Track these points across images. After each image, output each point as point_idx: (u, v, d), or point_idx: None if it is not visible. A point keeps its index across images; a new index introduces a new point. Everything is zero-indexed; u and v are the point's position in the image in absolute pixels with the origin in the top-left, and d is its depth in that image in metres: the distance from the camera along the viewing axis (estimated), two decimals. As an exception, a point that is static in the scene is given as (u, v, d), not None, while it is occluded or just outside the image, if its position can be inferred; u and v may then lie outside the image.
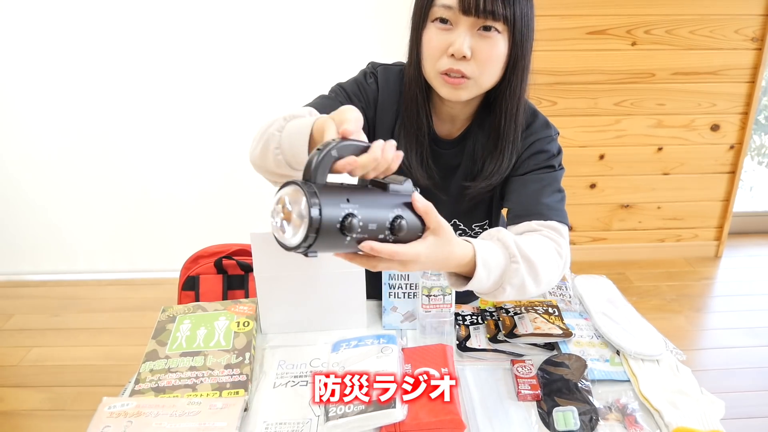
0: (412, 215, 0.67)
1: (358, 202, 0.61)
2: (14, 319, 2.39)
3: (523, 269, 0.81)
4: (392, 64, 1.06)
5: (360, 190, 0.65)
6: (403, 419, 0.79)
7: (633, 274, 2.71)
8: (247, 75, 2.39)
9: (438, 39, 0.88)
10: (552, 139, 1.02)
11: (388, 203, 0.65)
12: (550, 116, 1.05)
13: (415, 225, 0.67)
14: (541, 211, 0.95)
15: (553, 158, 1.01)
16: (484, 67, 0.89)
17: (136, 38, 2.32)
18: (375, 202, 0.64)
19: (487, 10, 0.84)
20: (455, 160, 1.05)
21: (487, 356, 0.98)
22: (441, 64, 0.89)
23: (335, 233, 0.59)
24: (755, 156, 3.36)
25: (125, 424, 0.79)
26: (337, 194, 0.60)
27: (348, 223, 0.59)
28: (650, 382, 0.90)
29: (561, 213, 0.96)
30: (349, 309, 1.05)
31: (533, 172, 1.00)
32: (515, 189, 1.01)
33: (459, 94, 0.92)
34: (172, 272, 1.69)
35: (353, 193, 0.62)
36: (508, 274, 0.80)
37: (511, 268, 0.80)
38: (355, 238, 0.61)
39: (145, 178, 2.55)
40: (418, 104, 0.99)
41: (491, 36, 0.87)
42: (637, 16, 2.39)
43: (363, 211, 0.61)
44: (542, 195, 0.97)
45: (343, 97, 1.01)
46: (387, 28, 2.30)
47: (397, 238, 0.65)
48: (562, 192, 1.00)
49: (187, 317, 1.02)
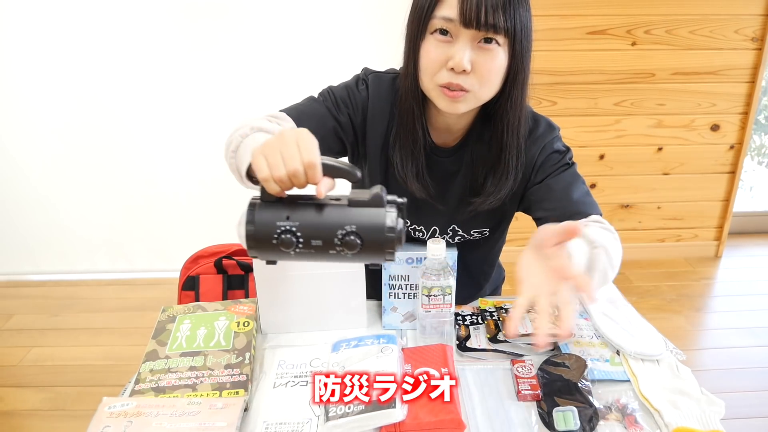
0: (376, 229, 0.64)
1: (301, 216, 0.64)
2: (14, 319, 2.39)
3: (603, 254, 0.81)
4: (385, 72, 1.04)
5: (313, 205, 0.65)
6: (403, 419, 0.79)
7: (633, 274, 2.71)
8: (247, 75, 2.39)
9: (437, 52, 0.86)
10: (558, 138, 1.02)
11: (342, 218, 0.64)
12: (549, 116, 1.05)
13: (377, 238, 0.64)
14: (578, 209, 0.95)
15: (565, 155, 1.01)
16: (484, 81, 0.87)
17: (137, 39, 2.32)
18: (323, 217, 0.64)
19: (488, 23, 0.82)
20: (453, 167, 1.04)
21: (487, 356, 0.98)
22: (440, 77, 0.87)
23: (274, 248, 0.64)
24: (755, 156, 3.36)
25: (125, 424, 0.79)
26: (279, 209, 0.64)
27: (284, 239, 0.63)
28: (650, 382, 0.90)
29: (594, 204, 0.97)
30: (349, 309, 1.05)
31: (552, 174, 1.00)
32: (543, 197, 1.00)
33: (457, 107, 0.90)
34: (172, 272, 1.69)
35: (300, 209, 0.64)
36: (595, 261, 0.80)
37: (594, 253, 0.80)
38: (300, 253, 0.64)
39: (145, 178, 2.55)
40: (414, 117, 0.96)
41: (492, 49, 0.85)
42: (637, 16, 2.39)
43: (303, 227, 0.64)
44: (571, 193, 0.97)
45: (331, 102, 1.00)
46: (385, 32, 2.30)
47: (358, 255, 0.65)
48: (585, 183, 1.00)
49: (187, 317, 1.02)
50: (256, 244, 0.64)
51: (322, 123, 0.98)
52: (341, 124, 1.00)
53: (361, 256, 0.65)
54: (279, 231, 0.63)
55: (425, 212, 1.06)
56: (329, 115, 0.99)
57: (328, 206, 0.65)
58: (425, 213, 1.06)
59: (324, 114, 0.99)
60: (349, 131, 1.01)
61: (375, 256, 0.66)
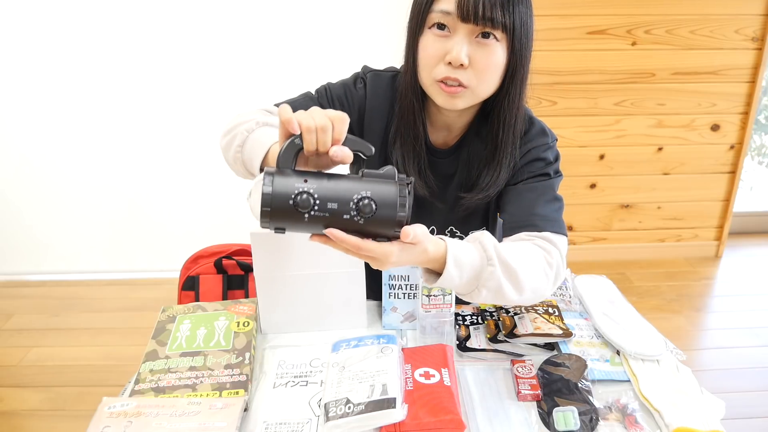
0: (389, 199, 0.66)
1: (318, 182, 0.65)
2: (14, 319, 2.39)
3: (500, 273, 0.79)
4: (384, 70, 1.04)
5: (328, 175, 0.67)
6: (403, 419, 0.79)
7: (633, 274, 2.71)
8: (247, 75, 2.39)
9: (435, 46, 0.86)
10: (548, 147, 1.00)
11: (357, 186, 0.66)
12: (549, 116, 1.05)
13: (390, 209, 0.66)
14: (534, 222, 0.92)
15: (549, 166, 0.99)
16: (482, 76, 0.87)
17: (137, 37, 2.32)
18: (339, 184, 0.66)
19: (486, 17, 0.81)
20: (450, 169, 1.04)
21: (487, 356, 0.98)
22: (437, 72, 0.87)
23: (290, 209, 0.65)
24: (755, 156, 3.36)
25: (125, 424, 0.79)
26: (296, 176, 0.66)
27: (301, 200, 0.64)
28: (650, 382, 0.90)
29: (556, 223, 0.93)
30: (349, 309, 1.05)
31: (527, 180, 0.98)
32: (510, 200, 0.99)
33: (455, 102, 0.89)
34: (172, 272, 1.69)
35: (317, 177, 0.66)
36: (484, 276, 0.79)
37: (487, 270, 0.79)
38: (314, 216, 0.65)
39: (145, 178, 2.55)
40: (415, 112, 0.96)
41: (490, 44, 0.85)
42: (637, 16, 2.39)
43: (321, 190, 0.65)
44: (537, 205, 0.95)
45: (326, 99, 1.00)
46: (386, 29, 2.30)
47: (370, 221, 0.66)
48: (559, 201, 0.97)
49: (187, 317, 1.02)
50: (273, 204, 0.65)
51: None
52: None
53: (372, 223, 0.67)
54: (297, 192, 0.65)
55: (424, 211, 1.06)
56: None
57: (344, 177, 0.67)
58: (424, 212, 1.06)
59: None
60: None
61: (384, 226, 0.67)
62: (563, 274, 0.90)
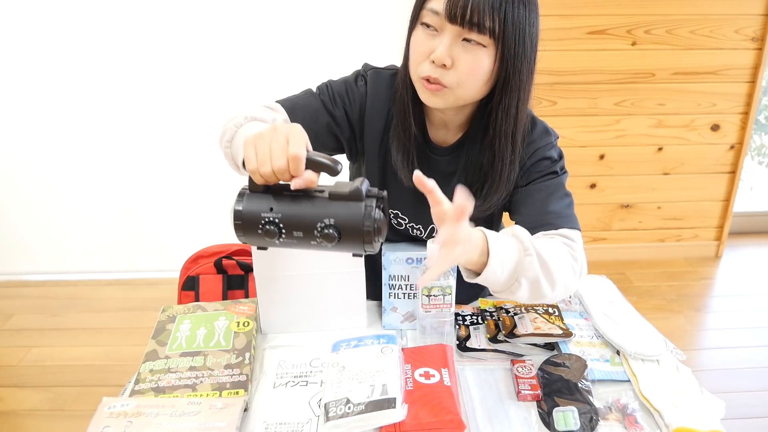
0: (353, 222, 0.67)
1: (284, 208, 0.68)
2: (14, 319, 2.39)
3: (537, 264, 0.80)
4: (385, 68, 1.04)
5: (294, 197, 0.69)
6: (403, 419, 0.79)
7: (633, 274, 2.71)
8: (247, 74, 2.39)
9: (422, 43, 0.86)
10: (552, 145, 1.00)
11: (321, 211, 0.67)
12: (550, 116, 1.05)
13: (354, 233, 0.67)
14: (550, 220, 0.93)
15: (555, 164, 0.99)
16: (465, 79, 0.85)
17: (137, 37, 2.32)
18: (303, 209, 0.68)
19: (473, 22, 0.80)
20: (450, 168, 1.03)
21: (487, 356, 0.98)
22: (422, 69, 0.87)
23: (260, 237, 0.69)
24: (755, 156, 3.36)
25: (125, 424, 0.79)
26: (264, 202, 0.68)
27: (268, 229, 0.68)
28: (650, 382, 0.90)
29: (570, 219, 0.94)
30: (349, 309, 1.05)
31: (536, 181, 0.98)
32: (521, 201, 0.99)
33: (435, 100, 0.89)
34: (172, 272, 1.69)
35: (284, 201, 0.68)
36: (523, 266, 0.79)
37: (525, 260, 0.79)
38: (284, 242, 0.69)
39: (145, 177, 2.55)
40: (407, 106, 0.96)
41: (474, 48, 0.84)
42: (637, 16, 2.39)
43: (286, 219, 0.68)
44: (549, 203, 0.95)
45: (327, 96, 1.00)
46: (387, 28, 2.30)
47: (336, 246, 0.68)
48: (569, 196, 0.98)
49: (187, 317, 1.02)
50: (244, 233, 0.69)
51: (315, 117, 0.99)
52: (336, 118, 1.00)
53: (341, 247, 0.69)
54: (263, 222, 0.68)
55: (423, 210, 1.05)
56: (323, 109, 0.99)
57: (310, 198, 0.69)
58: (423, 211, 1.06)
59: (318, 108, 0.99)
60: (344, 126, 1.01)
61: (354, 247, 0.69)
62: (586, 268, 0.91)
